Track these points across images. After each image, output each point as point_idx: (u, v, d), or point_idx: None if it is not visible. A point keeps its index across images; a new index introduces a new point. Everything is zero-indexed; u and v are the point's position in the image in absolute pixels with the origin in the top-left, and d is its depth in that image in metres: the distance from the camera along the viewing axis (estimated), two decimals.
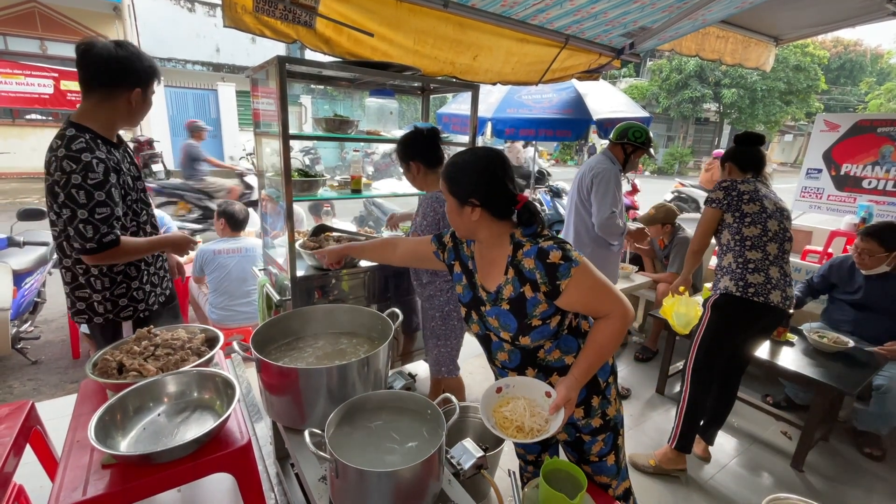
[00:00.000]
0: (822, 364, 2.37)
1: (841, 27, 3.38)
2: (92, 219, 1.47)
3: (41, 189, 5.55)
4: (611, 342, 1.19)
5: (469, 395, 2.91)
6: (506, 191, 1.20)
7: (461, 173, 1.22)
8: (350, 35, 2.23)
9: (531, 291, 1.18)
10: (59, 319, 3.89)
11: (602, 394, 1.33)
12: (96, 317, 1.67)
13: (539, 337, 1.22)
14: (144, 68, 1.59)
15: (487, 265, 1.29)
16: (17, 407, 1.59)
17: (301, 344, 1.58)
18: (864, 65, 25.59)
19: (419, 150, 2.05)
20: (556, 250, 1.14)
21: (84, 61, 1.55)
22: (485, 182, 1.19)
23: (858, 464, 2.49)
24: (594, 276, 1.16)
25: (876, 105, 17.32)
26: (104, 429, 1.14)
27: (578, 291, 1.14)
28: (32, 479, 1.70)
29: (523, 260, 1.18)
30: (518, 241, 1.21)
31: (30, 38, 10.22)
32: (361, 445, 1.16)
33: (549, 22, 2.75)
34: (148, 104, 1.68)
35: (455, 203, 1.23)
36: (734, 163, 2.24)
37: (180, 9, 11.78)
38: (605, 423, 1.35)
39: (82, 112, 1.58)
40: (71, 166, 1.45)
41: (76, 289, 1.64)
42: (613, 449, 1.39)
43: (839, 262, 2.82)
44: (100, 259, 1.53)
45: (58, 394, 2.89)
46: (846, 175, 4.88)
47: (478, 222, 1.22)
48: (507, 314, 1.22)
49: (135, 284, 1.72)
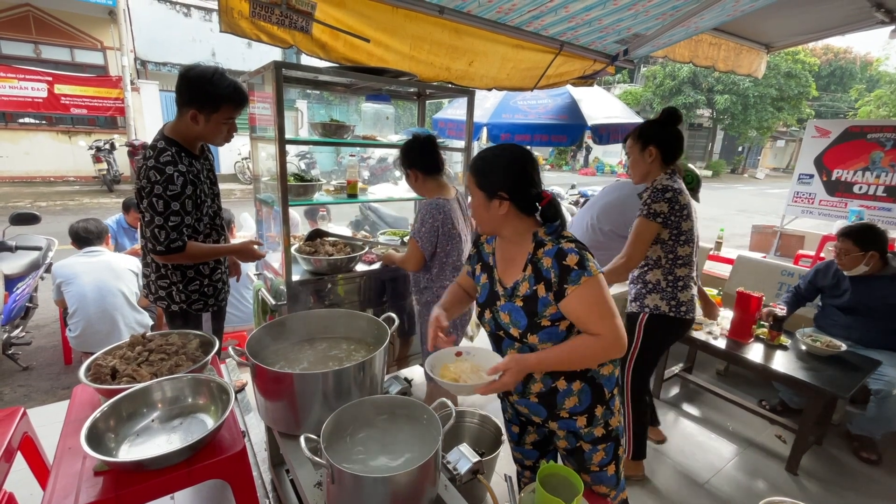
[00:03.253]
0: (815, 368, 2.38)
1: (831, 35, 3.44)
2: (165, 226, 1.67)
3: (33, 193, 5.56)
4: (584, 355, 1.17)
5: (464, 400, 2.90)
6: (533, 186, 1.21)
7: (490, 167, 1.21)
8: (346, 40, 2.24)
9: (544, 291, 1.18)
10: (51, 325, 3.85)
11: (606, 404, 1.32)
12: (173, 304, 1.90)
13: (547, 338, 1.22)
14: (205, 93, 1.68)
15: (507, 261, 1.29)
16: (9, 413, 1.57)
17: (297, 349, 1.58)
18: (853, 72, 25.98)
19: (416, 157, 2.08)
20: (574, 254, 1.14)
21: (178, 80, 1.70)
22: (514, 176, 1.20)
23: (853, 467, 2.50)
24: (601, 295, 1.14)
25: (866, 112, 17.54)
26: (97, 435, 1.12)
27: (580, 302, 1.14)
28: (22, 487, 1.68)
29: (543, 258, 1.18)
30: (540, 240, 1.21)
31: (24, 41, 10.18)
32: (357, 451, 1.15)
33: (544, 28, 2.77)
34: (220, 128, 1.77)
35: (483, 197, 1.22)
36: (660, 149, 1.91)
37: (176, 13, 11.78)
38: (607, 433, 1.33)
39: (172, 126, 1.77)
40: (155, 177, 1.64)
41: (159, 278, 1.87)
42: (614, 459, 1.37)
43: (825, 267, 2.83)
44: (166, 260, 1.76)
45: (49, 400, 2.85)
46: (837, 180, 4.94)
47: (504, 217, 1.22)
48: (519, 311, 1.22)
49: (206, 281, 1.95)
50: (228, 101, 1.72)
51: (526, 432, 1.50)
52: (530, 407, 1.36)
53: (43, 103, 9.99)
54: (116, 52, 10.54)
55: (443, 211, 2.03)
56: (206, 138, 1.80)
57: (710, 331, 2.73)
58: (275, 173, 2.07)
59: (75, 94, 10.26)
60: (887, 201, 4.62)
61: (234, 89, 1.72)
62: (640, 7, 2.51)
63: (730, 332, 2.67)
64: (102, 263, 2.83)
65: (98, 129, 11.10)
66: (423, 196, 2.19)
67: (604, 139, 4.48)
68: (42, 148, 10.55)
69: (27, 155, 10.41)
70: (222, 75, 1.70)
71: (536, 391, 1.32)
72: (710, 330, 2.74)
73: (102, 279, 2.77)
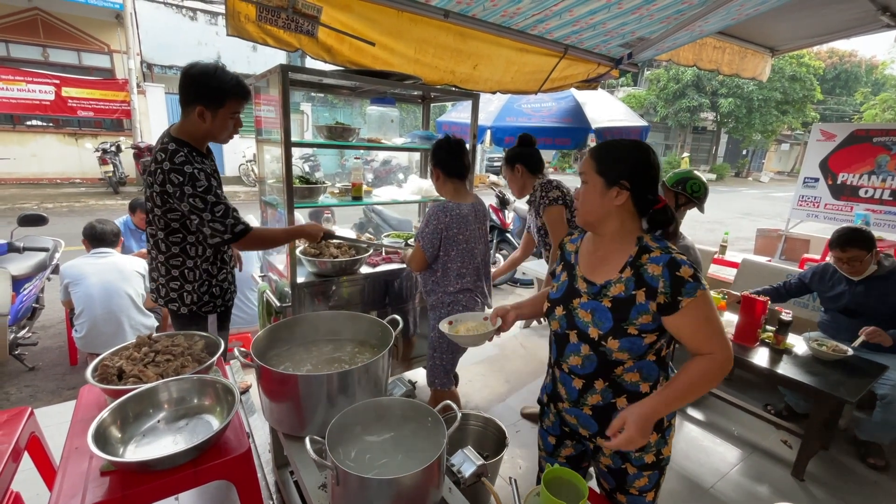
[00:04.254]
0: (821, 372, 2.36)
1: (836, 38, 3.43)
2: (215, 217, 1.68)
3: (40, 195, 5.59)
4: (703, 383, 1.11)
5: (468, 402, 2.90)
6: (655, 186, 1.18)
7: (619, 154, 1.17)
8: (352, 44, 2.25)
9: (644, 298, 1.12)
10: (57, 325, 3.88)
11: (662, 432, 1.25)
12: (183, 307, 1.88)
13: (628, 347, 1.15)
14: (210, 89, 1.69)
15: (598, 260, 1.24)
16: (16, 413, 1.58)
17: (301, 350, 1.58)
18: (859, 75, 25.88)
19: (442, 157, 2.08)
20: (688, 266, 1.10)
21: (181, 79, 1.70)
22: (642, 168, 1.16)
23: (860, 473, 2.48)
24: (714, 309, 1.11)
25: (871, 115, 17.46)
26: (103, 435, 1.13)
27: (694, 316, 1.09)
28: (29, 487, 1.69)
29: (648, 265, 1.13)
30: (646, 245, 1.16)
31: (32, 44, 10.28)
32: (362, 453, 1.16)
33: (548, 32, 2.78)
34: (226, 123, 1.79)
35: (601, 183, 1.16)
36: (525, 165, 2.41)
37: (182, 17, 11.88)
38: (657, 461, 1.27)
39: (179, 127, 1.77)
40: (178, 179, 1.64)
41: (170, 280, 1.86)
42: (655, 487, 1.31)
43: (822, 271, 2.81)
44: (242, 246, 1.79)
45: (55, 400, 2.87)
46: (843, 184, 4.91)
47: (616, 210, 1.17)
48: (606, 311, 1.17)
49: (213, 282, 1.94)
50: (233, 95, 1.73)
51: (562, 445, 1.42)
52: (581, 418, 1.29)
53: (50, 106, 10.07)
54: (123, 56, 10.63)
55: (449, 214, 2.02)
56: (213, 135, 1.80)
57: None
58: (280, 176, 2.08)
59: (82, 97, 10.34)
60: (893, 205, 4.58)
61: (237, 83, 1.74)
62: (645, 11, 2.52)
63: (735, 336, 2.66)
64: (110, 265, 2.85)
65: (104, 132, 11.18)
66: (442, 196, 2.20)
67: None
68: (49, 150, 10.64)
69: (34, 157, 10.50)
70: (224, 70, 1.71)
71: (593, 403, 1.25)
72: None
73: (109, 280, 2.79)
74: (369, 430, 1.22)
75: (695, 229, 9.54)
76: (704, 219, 10.57)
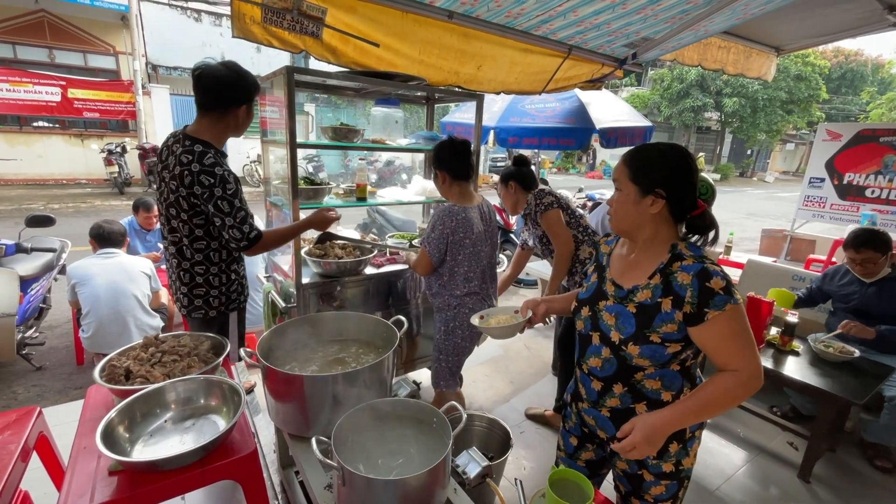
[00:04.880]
0: (828, 374, 2.35)
1: (842, 38, 3.41)
2: (235, 224, 1.68)
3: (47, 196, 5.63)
4: (724, 400, 1.08)
5: (473, 403, 2.90)
6: (693, 192, 1.14)
7: (654, 162, 1.13)
8: (356, 45, 2.26)
9: (670, 306, 1.09)
10: (64, 325, 3.91)
11: (684, 444, 1.21)
12: (210, 310, 1.86)
13: (649, 354, 1.13)
14: (248, 87, 1.73)
15: (630, 265, 1.22)
16: (25, 413, 1.60)
17: (306, 351, 1.59)
18: (865, 74, 25.69)
19: (447, 160, 2.05)
20: (720, 278, 1.06)
21: (198, 85, 1.68)
22: (678, 176, 1.12)
23: (867, 475, 2.46)
24: (744, 324, 1.07)
25: (878, 115, 17.32)
26: (111, 435, 1.14)
27: (720, 330, 1.06)
28: (37, 485, 1.70)
29: (678, 273, 1.09)
30: (679, 253, 1.13)
31: (38, 46, 10.36)
32: (367, 453, 1.16)
33: (552, 32, 2.78)
34: (251, 116, 1.83)
35: (636, 192, 1.13)
36: (519, 182, 2.48)
37: (187, 18, 11.93)
38: (676, 471, 1.23)
39: (199, 128, 1.73)
40: (209, 181, 1.62)
41: (194, 287, 1.82)
42: (672, 499, 1.27)
43: (833, 271, 2.82)
44: (253, 251, 1.78)
45: (62, 400, 2.89)
46: (849, 184, 4.88)
47: (651, 218, 1.14)
48: (630, 316, 1.15)
49: (237, 279, 1.93)
50: (258, 88, 1.79)
51: (583, 448, 1.39)
52: (598, 420, 1.28)
53: (56, 107, 10.15)
54: (128, 57, 10.70)
55: (455, 218, 1.98)
56: (240, 130, 1.81)
57: None
58: (285, 176, 2.09)
59: (88, 98, 10.42)
60: None
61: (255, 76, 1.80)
62: (650, 11, 2.51)
63: None
64: (116, 265, 2.86)
65: (110, 133, 11.25)
66: (446, 199, 2.15)
67: (611, 143, 4.47)
68: (55, 151, 10.72)
69: (41, 158, 10.58)
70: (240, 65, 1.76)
71: (611, 406, 1.23)
72: None
73: (116, 281, 2.81)
74: (375, 431, 1.22)
75: None
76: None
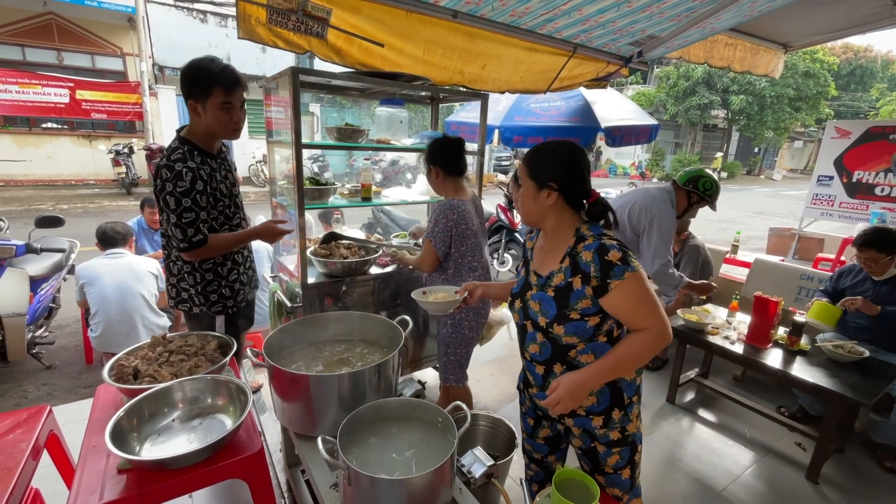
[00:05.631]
0: (837, 374, 2.33)
1: (851, 34, 3.36)
2: (180, 223, 1.68)
3: (56, 196, 5.67)
4: (636, 356, 1.19)
5: (478, 402, 2.90)
6: (584, 181, 1.25)
7: (545, 158, 1.26)
8: (361, 45, 2.26)
9: (580, 283, 1.20)
10: (73, 325, 3.95)
11: (624, 409, 1.32)
12: (194, 307, 1.90)
13: (573, 331, 1.23)
14: (194, 81, 1.68)
15: (545, 254, 1.33)
16: (36, 412, 1.61)
17: (312, 350, 1.60)
18: (874, 71, 25.35)
19: (441, 156, 2.11)
20: (616, 250, 1.17)
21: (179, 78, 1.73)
22: (566, 168, 1.24)
23: (876, 477, 2.44)
24: (645, 288, 1.17)
25: (888, 111, 17.13)
26: (120, 434, 1.15)
27: (625, 297, 1.16)
28: (47, 483, 1.72)
29: (582, 252, 1.20)
30: (582, 235, 1.24)
31: (47, 48, 10.46)
32: (373, 453, 1.16)
33: (557, 31, 2.77)
34: (218, 115, 1.72)
35: (533, 186, 1.26)
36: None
37: (193, 19, 11.99)
38: (623, 437, 1.34)
39: (188, 127, 1.79)
40: (166, 174, 1.65)
41: (180, 281, 1.88)
42: (629, 464, 1.37)
43: (847, 269, 2.82)
44: (193, 256, 1.76)
45: (71, 398, 2.92)
46: (858, 182, 4.83)
47: (550, 208, 1.26)
48: (550, 300, 1.25)
49: (224, 282, 1.93)
50: (219, 83, 1.67)
51: (540, 426, 1.52)
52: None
53: (65, 108, 10.24)
54: (135, 58, 10.78)
55: (457, 211, 2.05)
56: (214, 130, 1.76)
57: (726, 335, 2.69)
58: (290, 176, 2.10)
59: (96, 100, 10.51)
60: None
61: (222, 69, 1.68)
62: (655, 9, 2.49)
63: (747, 337, 2.63)
64: (124, 265, 2.89)
65: (117, 134, 11.36)
66: (440, 194, 2.21)
67: (617, 141, 4.45)
68: (64, 152, 10.83)
69: (50, 159, 10.69)
70: (212, 60, 1.68)
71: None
72: (727, 335, 2.70)
73: (123, 281, 2.84)
74: (380, 431, 1.23)
75: (706, 228, 9.43)
76: (716, 217, 10.44)
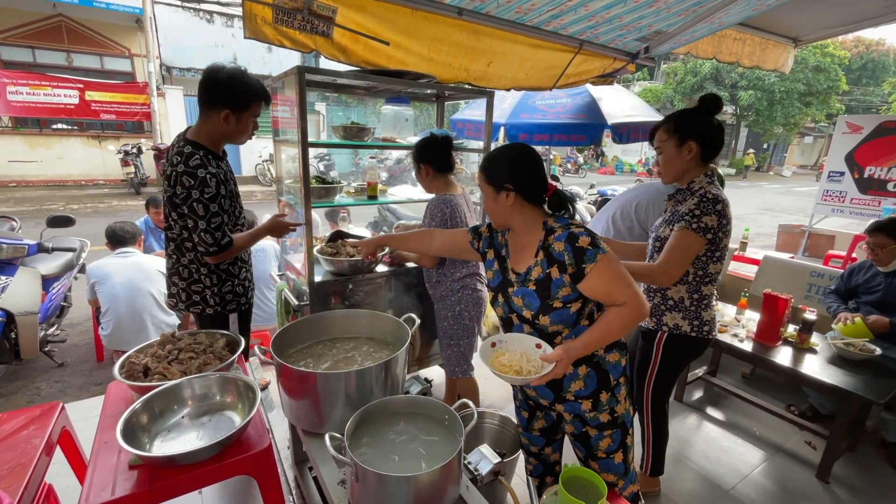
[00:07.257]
0: (848, 372, 2.30)
1: (862, 27, 3.31)
2: (209, 228, 1.72)
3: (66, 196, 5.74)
4: (617, 327, 1.25)
5: (484, 400, 2.90)
6: (537, 177, 1.30)
7: (496, 162, 1.33)
8: (366, 44, 2.26)
9: (557, 273, 1.25)
10: (84, 323, 4.00)
11: (612, 391, 1.37)
12: (208, 308, 1.93)
13: (558, 320, 1.28)
14: (237, 92, 1.72)
15: (519, 250, 1.37)
16: (49, 408, 1.64)
17: (319, 348, 1.61)
18: (886, 64, 24.92)
19: (430, 154, 2.14)
20: (585, 236, 1.23)
21: (206, 82, 1.72)
22: (518, 168, 1.29)
23: (887, 476, 2.41)
24: (617, 267, 1.23)
25: None
26: (131, 430, 1.17)
27: (601, 278, 1.21)
28: (60, 479, 1.75)
29: (554, 244, 1.26)
30: (550, 227, 1.29)
31: (56, 50, 10.60)
32: (380, 450, 1.17)
33: (563, 27, 2.75)
34: (247, 126, 1.83)
35: (491, 191, 1.32)
36: (701, 144, 1.69)
37: (199, 20, 12.08)
38: (612, 419, 1.38)
39: (196, 129, 1.80)
40: (189, 182, 1.67)
41: (192, 283, 1.89)
42: (621, 447, 1.41)
43: (858, 266, 2.80)
44: (219, 258, 1.81)
45: (83, 395, 2.96)
46: (870, 178, 4.76)
47: (512, 208, 1.31)
48: (532, 294, 1.29)
49: (236, 281, 1.98)
50: (258, 99, 1.78)
51: (534, 418, 1.56)
52: (538, 389, 1.41)
53: (75, 109, 10.36)
54: (143, 59, 10.90)
55: (450, 205, 2.10)
56: (234, 137, 1.83)
57: (735, 333, 2.67)
58: (297, 175, 2.11)
59: (105, 101, 10.62)
60: None
61: (262, 87, 1.79)
62: (662, 4, 2.47)
63: (756, 335, 2.61)
64: (133, 264, 2.92)
65: (126, 134, 11.48)
66: (431, 191, 2.26)
67: (623, 138, 4.42)
68: (74, 152, 10.97)
69: (60, 159, 10.83)
70: (249, 75, 1.75)
71: None
72: (736, 332, 2.67)
73: (133, 280, 2.87)
74: (387, 428, 1.23)
75: None
76: None
